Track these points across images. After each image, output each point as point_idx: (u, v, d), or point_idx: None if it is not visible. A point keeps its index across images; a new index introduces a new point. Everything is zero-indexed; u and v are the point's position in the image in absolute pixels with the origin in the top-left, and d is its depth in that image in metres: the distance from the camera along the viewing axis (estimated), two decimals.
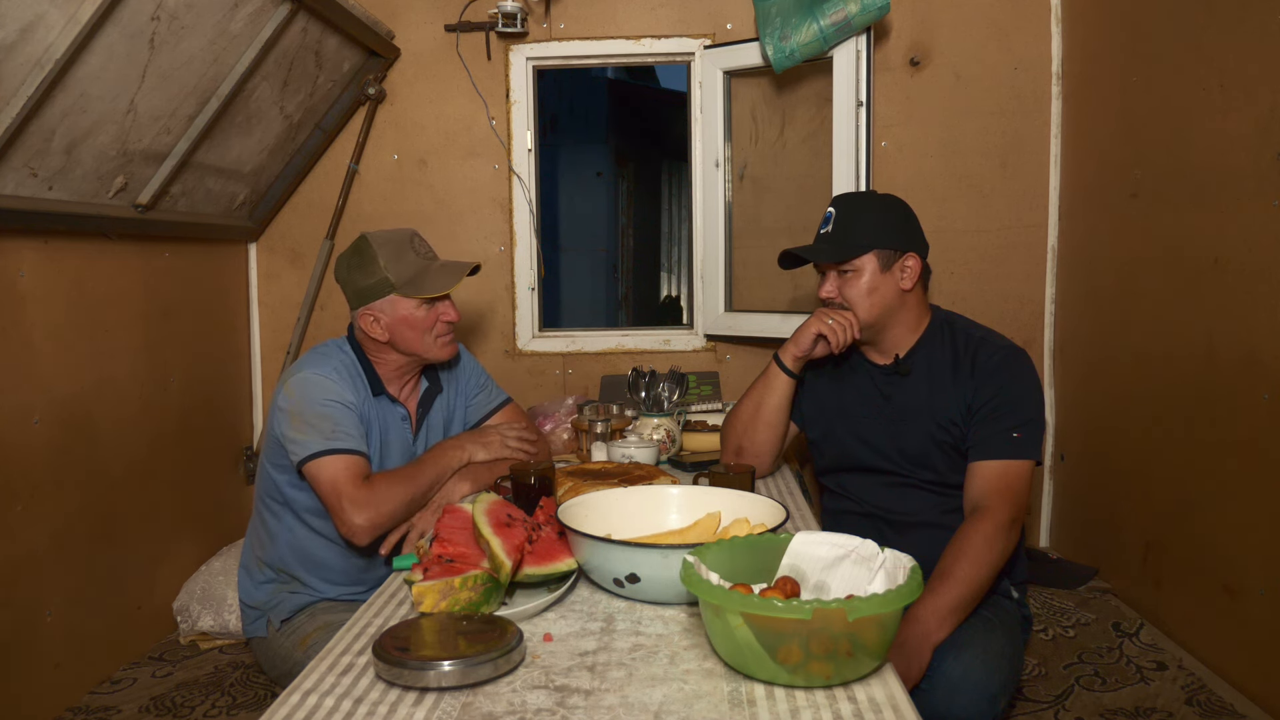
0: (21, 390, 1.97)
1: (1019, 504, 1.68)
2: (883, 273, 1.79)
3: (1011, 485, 1.68)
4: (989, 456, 1.71)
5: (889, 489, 1.86)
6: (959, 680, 1.49)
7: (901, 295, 1.81)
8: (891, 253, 1.79)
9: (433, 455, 1.86)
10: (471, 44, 2.96)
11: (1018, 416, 1.71)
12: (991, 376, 1.75)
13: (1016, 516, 1.67)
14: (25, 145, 1.82)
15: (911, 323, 1.85)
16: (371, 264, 1.82)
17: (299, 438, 1.73)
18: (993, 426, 1.72)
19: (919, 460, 1.81)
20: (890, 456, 1.84)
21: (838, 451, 1.92)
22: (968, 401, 1.75)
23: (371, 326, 1.84)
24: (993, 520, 1.64)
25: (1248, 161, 1.87)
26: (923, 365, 1.83)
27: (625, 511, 1.45)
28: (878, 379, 1.87)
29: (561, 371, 3.08)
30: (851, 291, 1.80)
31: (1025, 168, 2.88)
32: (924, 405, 1.80)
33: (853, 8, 2.51)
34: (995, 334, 1.84)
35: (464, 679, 1.02)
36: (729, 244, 2.98)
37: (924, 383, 1.82)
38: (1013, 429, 1.70)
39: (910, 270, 1.80)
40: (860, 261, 1.79)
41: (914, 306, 1.84)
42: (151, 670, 2.26)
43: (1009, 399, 1.72)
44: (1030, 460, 1.71)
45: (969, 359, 1.78)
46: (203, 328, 2.74)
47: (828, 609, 0.94)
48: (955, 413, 1.76)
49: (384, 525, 1.74)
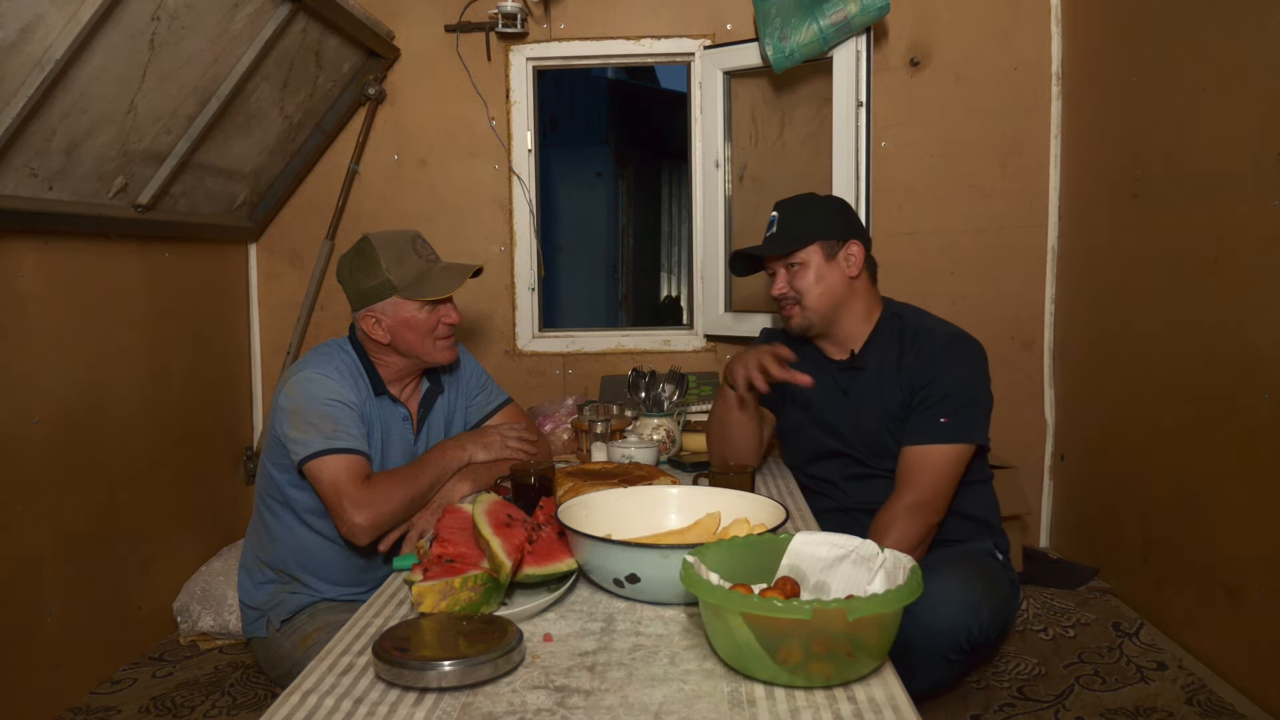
0: (21, 390, 1.97)
1: (934, 486, 1.76)
2: (828, 261, 1.88)
3: (926, 469, 1.76)
4: (912, 441, 1.80)
5: (857, 481, 1.91)
6: (936, 594, 1.51)
7: (849, 283, 1.89)
8: (834, 242, 1.89)
9: (433, 455, 1.86)
10: (471, 44, 2.96)
11: (949, 403, 1.78)
12: (928, 364, 1.82)
13: (929, 499, 1.75)
14: (25, 145, 1.82)
15: (862, 313, 1.92)
16: (373, 265, 1.82)
17: (300, 437, 1.73)
18: (924, 412, 1.80)
19: (877, 449, 1.88)
20: (853, 445, 1.91)
21: (804, 442, 1.99)
22: (909, 390, 1.83)
23: (373, 328, 1.84)
24: (903, 502, 1.74)
25: (1248, 161, 1.87)
26: (874, 358, 1.89)
27: (625, 512, 1.45)
28: (834, 374, 1.93)
29: (561, 372, 3.08)
30: (800, 283, 1.88)
31: (1025, 168, 2.88)
32: (876, 398, 1.87)
33: (853, 8, 2.51)
34: (943, 323, 1.90)
35: (464, 679, 1.02)
36: (729, 244, 2.98)
37: (875, 376, 1.88)
38: (941, 415, 1.77)
39: (854, 257, 1.89)
40: (805, 253, 1.88)
41: (863, 295, 1.92)
42: (151, 670, 2.26)
43: (941, 385, 1.79)
44: (959, 444, 1.77)
45: (912, 349, 1.85)
46: (203, 328, 2.74)
47: (828, 609, 0.94)
48: (900, 401, 1.84)
49: (385, 525, 1.74)
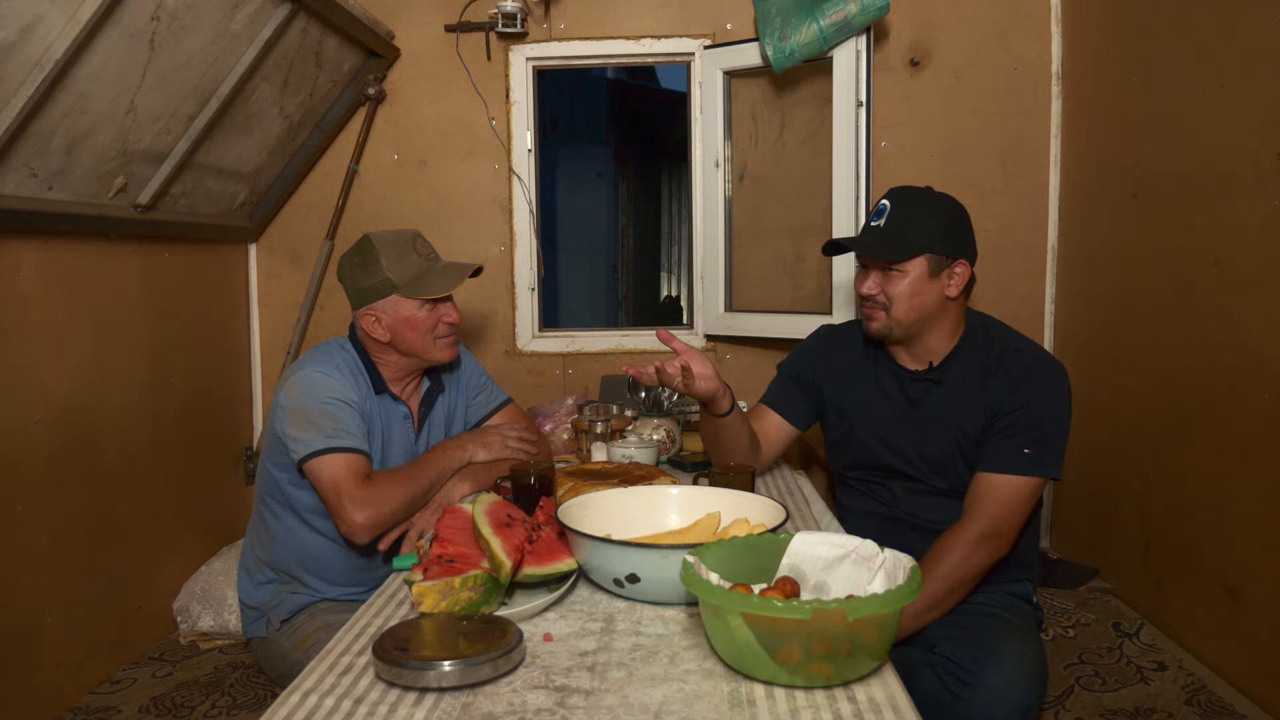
0: (21, 390, 1.97)
1: (1006, 518, 1.66)
2: (930, 279, 1.72)
3: (1000, 499, 1.66)
4: (991, 468, 1.68)
5: (914, 495, 1.82)
6: (1000, 691, 1.46)
7: (944, 303, 1.74)
8: (943, 259, 1.72)
9: (433, 455, 1.86)
10: (471, 44, 2.96)
11: (1034, 432, 1.66)
12: (1018, 389, 1.69)
13: (1000, 531, 1.65)
14: (25, 145, 1.82)
15: (949, 329, 1.78)
16: (374, 264, 1.82)
17: (300, 435, 1.73)
18: (1007, 439, 1.67)
19: (939, 468, 1.77)
20: (913, 461, 1.79)
21: (859, 452, 1.87)
22: (992, 412, 1.71)
23: (373, 327, 1.84)
24: (971, 532, 1.64)
25: (1248, 161, 1.87)
26: (956, 373, 1.77)
27: (625, 512, 1.45)
28: (906, 383, 1.81)
29: (561, 372, 3.08)
30: (894, 289, 1.72)
31: (1025, 168, 2.87)
32: (951, 413, 1.75)
33: (853, 8, 2.51)
34: (1031, 343, 1.78)
35: (464, 679, 1.02)
36: (729, 244, 2.98)
37: (954, 390, 1.76)
38: (1026, 445, 1.66)
39: (958, 278, 1.74)
40: (910, 264, 1.71)
41: (954, 313, 1.78)
42: (151, 670, 2.26)
43: (1031, 414, 1.67)
44: (1038, 477, 1.67)
45: (1001, 368, 1.72)
46: (203, 328, 2.74)
47: (827, 609, 0.94)
48: (980, 422, 1.72)
49: (384, 524, 1.74)
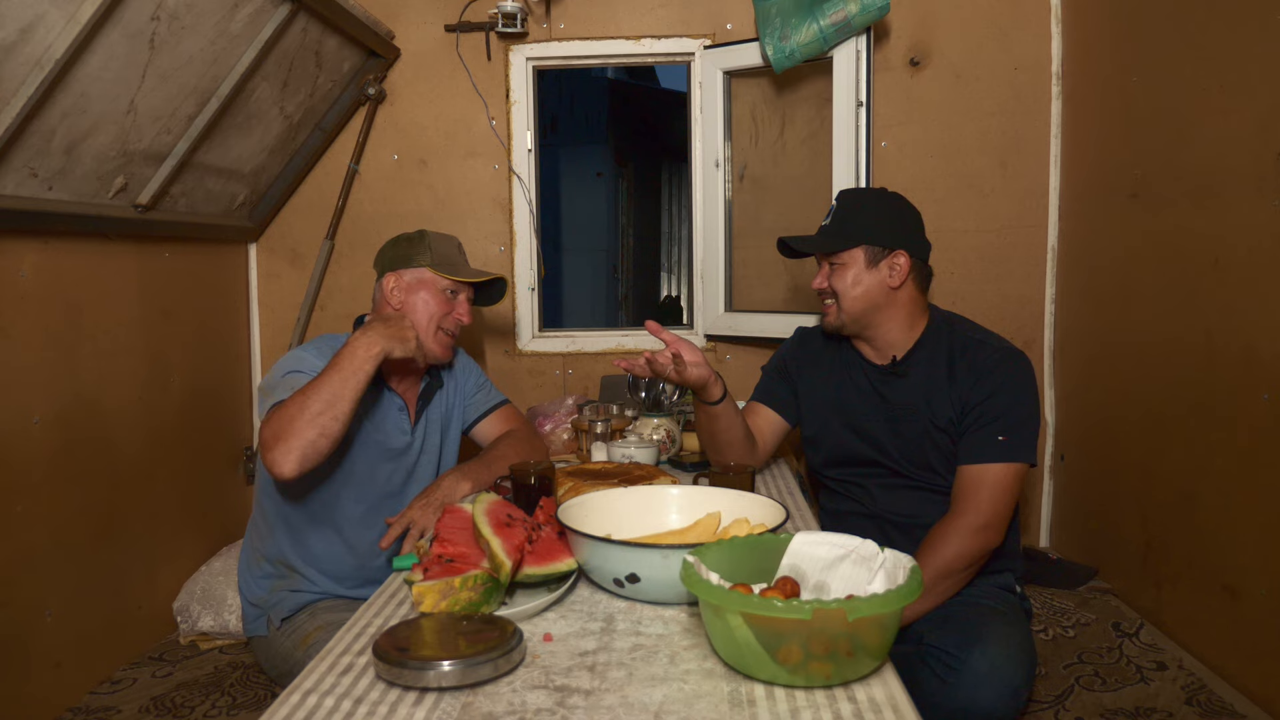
0: (21, 390, 1.97)
1: (996, 508, 1.70)
2: (869, 268, 1.82)
3: (985, 489, 1.71)
4: (971, 460, 1.74)
5: (890, 490, 1.86)
6: (985, 674, 1.50)
7: (889, 292, 1.83)
8: (879, 249, 1.82)
9: (337, 356, 1.68)
10: (471, 44, 2.96)
11: (1007, 420, 1.72)
12: (984, 379, 1.76)
13: (990, 520, 1.70)
14: (25, 145, 1.82)
15: (904, 321, 1.85)
16: (419, 243, 1.95)
17: (263, 409, 1.69)
18: (980, 430, 1.74)
19: (916, 459, 1.82)
20: (889, 453, 1.85)
21: (834, 446, 1.93)
22: (961, 404, 1.77)
23: (391, 292, 1.91)
24: (962, 522, 1.69)
25: (1248, 161, 1.87)
26: (920, 366, 1.84)
27: (625, 511, 1.45)
28: (874, 377, 1.88)
29: (561, 371, 3.08)
30: (838, 283, 1.84)
31: (1025, 168, 2.88)
32: (920, 406, 1.81)
33: (853, 8, 2.51)
34: (995, 336, 1.85)
35: (464, 679, 1.02)
36: (729, 244, 2.98)
37: (921, 383, 1.82)
38: (999, 433, 1.72)
39: (899, 268, 1.82)
40: (847, 255, 1.82)
41: (906, 305, 1.84)
42: (151, 670, 2.26)
43: (999, 402, 1.73)
44: (1017, 464, 1.72)
45: (965, 361, 1.79)
46: (202, 328, 2.74)
47: (827, 609, 0.94)
48: (950, 415, 1.78)
49: (297, 443, 1.57)
